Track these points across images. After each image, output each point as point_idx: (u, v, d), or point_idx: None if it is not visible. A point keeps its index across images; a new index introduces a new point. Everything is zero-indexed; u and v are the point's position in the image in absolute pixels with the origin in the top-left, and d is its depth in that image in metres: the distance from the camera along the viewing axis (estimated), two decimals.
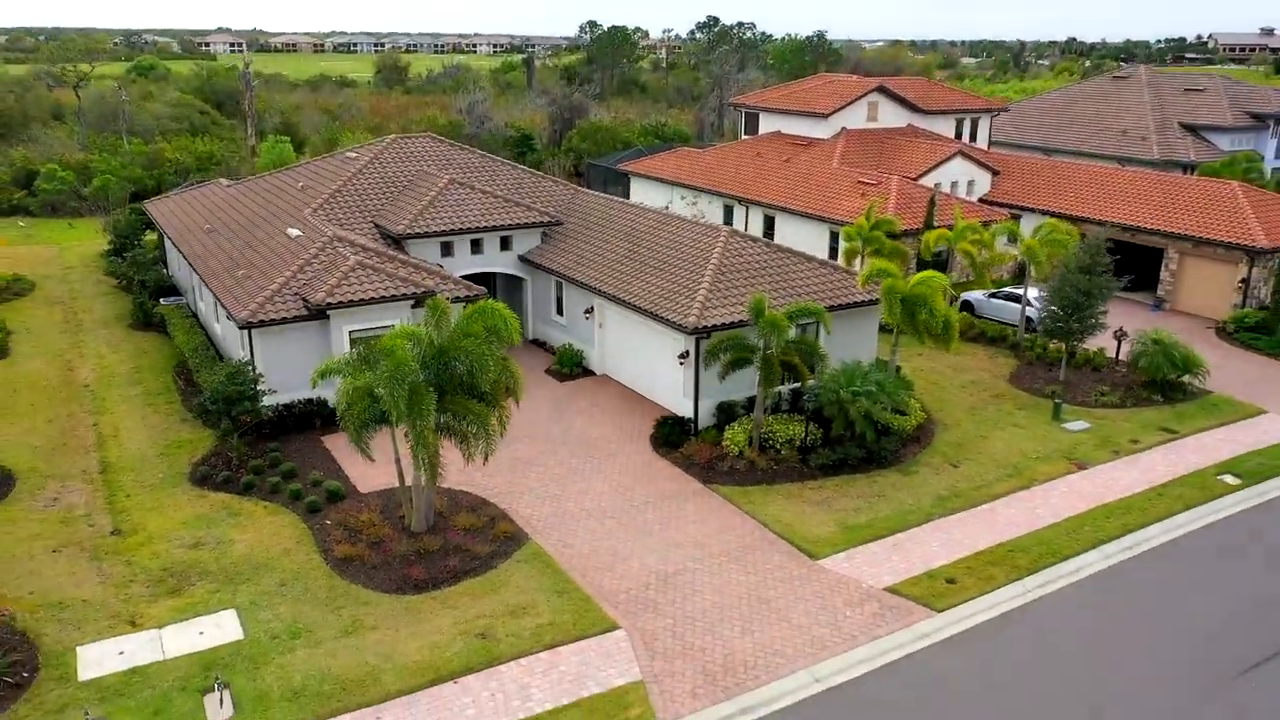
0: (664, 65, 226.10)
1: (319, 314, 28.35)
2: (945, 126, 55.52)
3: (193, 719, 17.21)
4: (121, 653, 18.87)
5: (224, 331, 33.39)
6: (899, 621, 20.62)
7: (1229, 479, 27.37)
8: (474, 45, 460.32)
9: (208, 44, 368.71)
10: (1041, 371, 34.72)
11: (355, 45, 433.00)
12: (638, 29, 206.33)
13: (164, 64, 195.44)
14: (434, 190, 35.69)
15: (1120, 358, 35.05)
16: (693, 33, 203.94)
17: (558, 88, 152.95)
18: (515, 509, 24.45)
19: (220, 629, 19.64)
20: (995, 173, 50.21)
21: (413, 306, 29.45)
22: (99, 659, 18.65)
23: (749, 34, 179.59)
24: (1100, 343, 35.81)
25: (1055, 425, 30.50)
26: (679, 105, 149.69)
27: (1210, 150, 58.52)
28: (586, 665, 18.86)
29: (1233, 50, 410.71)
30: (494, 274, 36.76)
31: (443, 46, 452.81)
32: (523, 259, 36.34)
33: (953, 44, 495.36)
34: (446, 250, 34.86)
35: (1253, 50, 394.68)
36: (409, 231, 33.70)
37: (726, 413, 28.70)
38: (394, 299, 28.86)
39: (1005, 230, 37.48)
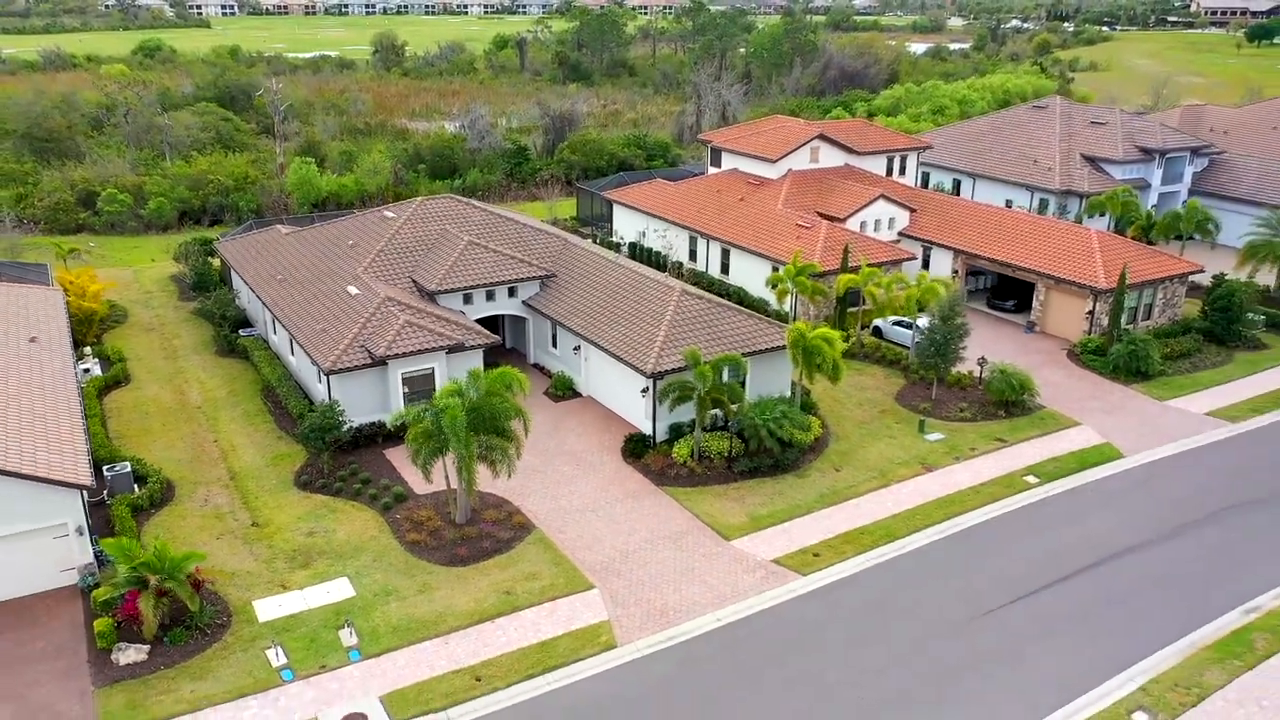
0: (653, 33, 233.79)
1: (380, 361, 39.10)
2: (877, 164, 65.85)
3: (333, 645, 28.28)
4: (280, 605, 29.90)
5: (299, 365, 44.14)
6: (777, 582, 31.77)
7: (1031, 479, 38.49)
8: (465, 6, 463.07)
9: (200, 8, 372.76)
10: (922, 390, 45.62)
11: (347, 7, 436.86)
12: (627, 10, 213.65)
13: (168, 43, 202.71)
14: (456, 250, 46.22)
15: (982, 379, 45.92)
16: (679, 16, 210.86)
17: (550, 87, 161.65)
18: (525, 506, 35.47)
19: (340, 590, 30.69)
20: (913, 210, 60.70)
21: (447, 353, 40.18)
22: (267, 610, 29.69)
23: (731, 23, 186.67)
24: (970, 366, 46.67)
25: (919, 436, 41.53)
26: (664, 92, 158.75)
27: (1106, 180, 68.84)
28: (574, 611, 30.00)
29: (1214, 14, 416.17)
30: (503, 315, 47.45)
31: (434, 7, 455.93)
32: (525, 304, 47.03)
33: (940, 6, 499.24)
34: (468, 299, 45.51)
35: (1233, 14, 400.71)
36: (439, 289, 44.31)
37: (676, 431, 39.66)
38: (434, 350, 39.61)
39: (897, 280, 48.10)
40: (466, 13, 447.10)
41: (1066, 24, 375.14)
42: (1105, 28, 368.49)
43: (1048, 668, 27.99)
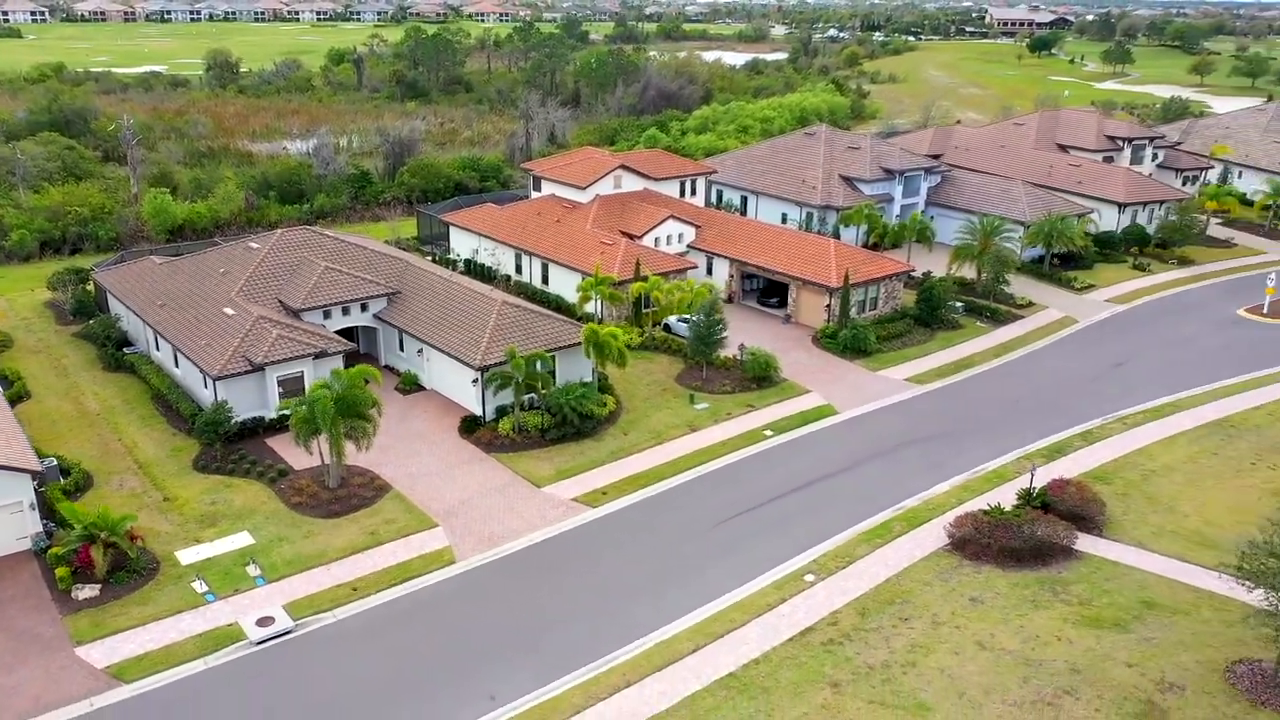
0: (489, 46, 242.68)
1: (258, 368, 48.68)
2: (671, 188, 78.93)
3: (243, 577, 38.20)
4: (197, 553, 39.53)
5: (184, 374, 52.98)
6: (575, 513, 43.57)
7: (768, 432, 51.76)
8: (296, 13, 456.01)
9: (6, 15, 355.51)
10: (696, 372, 58.41)
11: (169, 14, 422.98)
12: (461, 24, 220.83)
13: None
14: (315, 274, 55.95)
15: (741, 360, 59.11)
16: (511, 36, 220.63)
17: (388, 105, 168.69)
18: (383, 473, 45.98)
19: (242, 540, 40.50)
20: (698, 226, 73.92)
21: (313, 359, 50.08)
22: (187, 556, 39.26)
23: (560, 43, 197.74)
24: (735, 351, 59.79)
25: (689, 407, 54.25)
26: (499, 110, 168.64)
27: (859, 196, 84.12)
28: (423, 542, 40.89)
29: (1005, 24, 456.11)
30: (358, 326, 57.44)
31: (264, 14, 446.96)
32: (376, 316, 57.22)
33: (765, 15, 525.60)
34: (327, 314, 55.34)
35: (1021, 25, 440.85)
36: (303, 306, 54.02)
37: (500, 411, 50.94)
38: (303, 356, 49.48)
39: (678, 286, 60.86)
40: (298, 20, 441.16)
41: (877, 33, 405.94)
42: (911, 37, 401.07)
43: (756, 553, 40.81)
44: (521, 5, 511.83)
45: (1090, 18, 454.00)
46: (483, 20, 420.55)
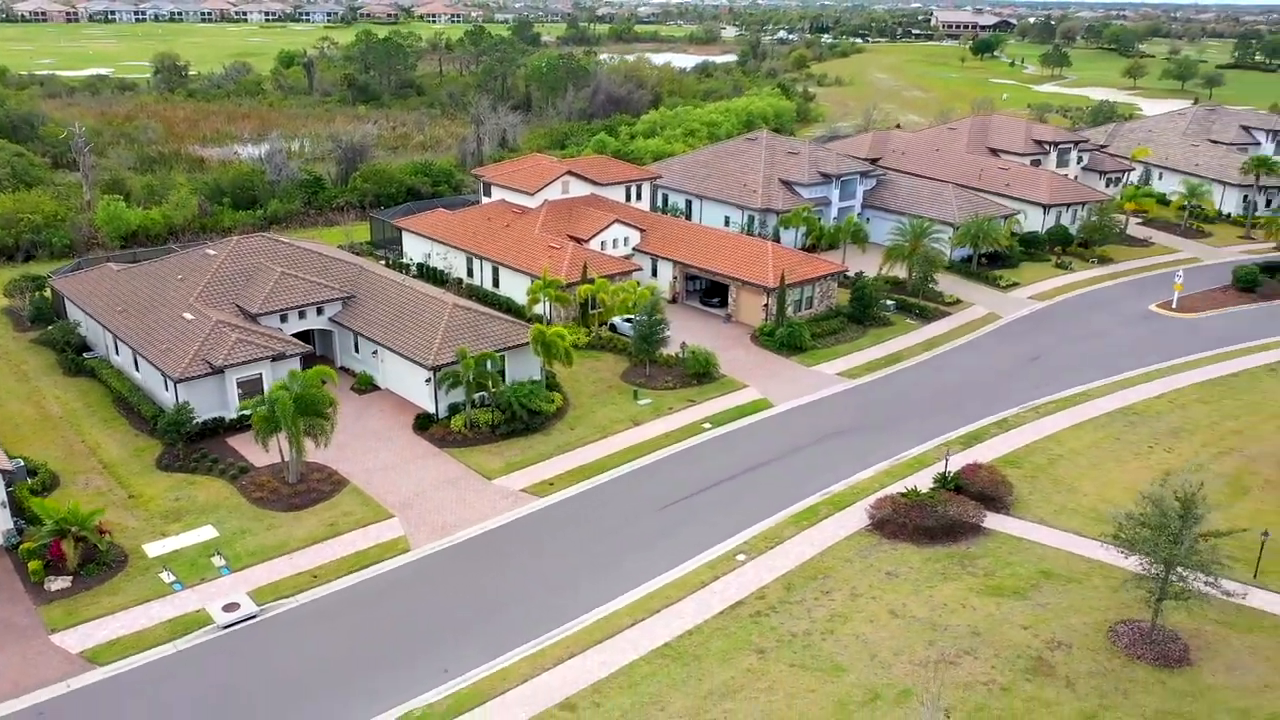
0: (441, 49, 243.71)
1: (218, 370, 50.80)
2: (618, 193, 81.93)
3: (208, 567, 40.49)
4: (164, 546, 41.70)
5: (145, 378, 54.86)
6: (523, 503, 46.38)
7: (707, 426, 54.95)
8: (244, 14, 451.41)
9: None
10: (640, 370, 61.46)
11: (113, 14, 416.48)
12: (412, 26, 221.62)
13: None
14: (272, 280, 58.09)
15: (682, 358, 62.25)
16: (462, 40, 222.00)
17: (340, 108, 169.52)
18: (341, 468, 48.39)
19: (207, 533, 42.74)
20: (643, 230, 77.00)
21: (271, 361, 52.29)
22: (154, 549, 41.44)
23: (511, 46, 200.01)
24: (677, 349, 62.91)
25: (633, 402, 57.28)
26: (451, 114, 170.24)
27: (798, 200, 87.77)
28: (379, 532, 43.45)
29: (950, 27, 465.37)
30: (314, 329, 59.65)
31: (211, 15, 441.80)
32: (331, 320, 59.49)
33: (716, 16, 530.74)
34: (284, 318, 57.51)
35: (965, 28, 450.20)
36: (260, 311, 56.16)
37: (453, 409, 53.55)
38: (261, 359, 51.69)
39: (623, 288, 63.85)
40: (246, 20, 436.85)
41: (826, 35, 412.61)
42: (859, 40, 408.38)
43: (692, 536, 43.93)
44: (473, 6, 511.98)
45: (1032, 20, 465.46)
46: (434, 21, 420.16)
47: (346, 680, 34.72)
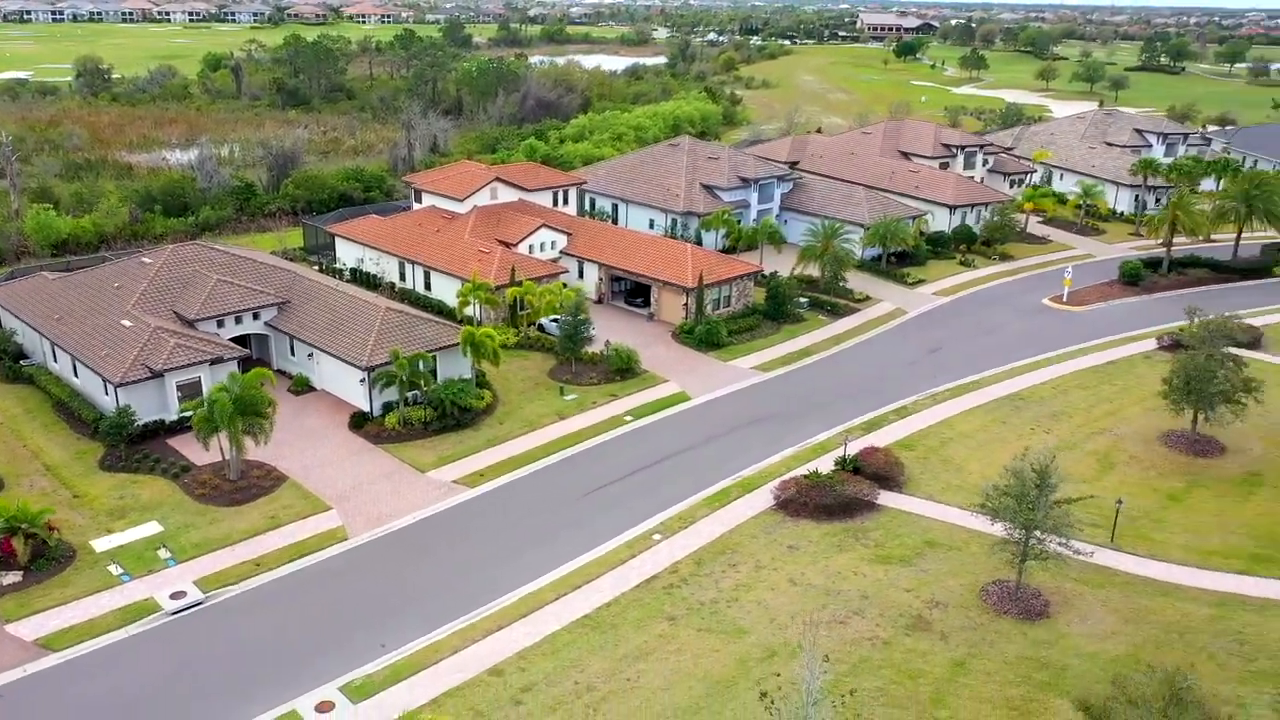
0: (371, 51, 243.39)
1: (158, 374, 52.95)
2: (545, 198, 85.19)
3: (155, 559, 42.92)
4: (110, 541, 43.96)
5: (84, 383, 56.66)
6: (455, 494, 49.52)
7: (629, 418, 58.63)
8: (167, 14, 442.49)
9: None
10: (566, 367, 64.88)
11: (29, 14, 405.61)
12: (341, 27, 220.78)
13: None
14: (208, 287, 60.23)
15: (605, 355, 65.82)
16: (393, 43, 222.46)
17: (269, 113, 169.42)
18: (280, 465, 50.98)
19: (152, 528, 45.09)
20: (570, 234, 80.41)
21: (209, 364, 54.57)
22: (102, 545, 43.68)
23: (441, 50, 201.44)
24: (601, 347, 66.44)
25: (559, 398, 60.71)
26: (382, 118, 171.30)
27: (718, 203, 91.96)
28: (319, 523, 46.25)
29: (875, 29, 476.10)
30: (250, 334, 61.89)
31: (132, 15, 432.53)
32: (267, 324, 61.80)
33: (648, 18, 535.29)
34: (220, 324, 59.71)
35: (889, 30, 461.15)
36: (197, 317, 58.32)
37: (387, 407, 56.39)
38: (200, 363, 53.96)
39: (549, 290, 67.22)
40: (169, 20, 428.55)
41: (755, 37, 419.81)
42: (787, 41, 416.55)
43: (613, 519, 47.53)
44: (403, 6, 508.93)
45: (954, 23, 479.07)
46: (364, 22, 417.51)
47: (290, 658, 37.60)
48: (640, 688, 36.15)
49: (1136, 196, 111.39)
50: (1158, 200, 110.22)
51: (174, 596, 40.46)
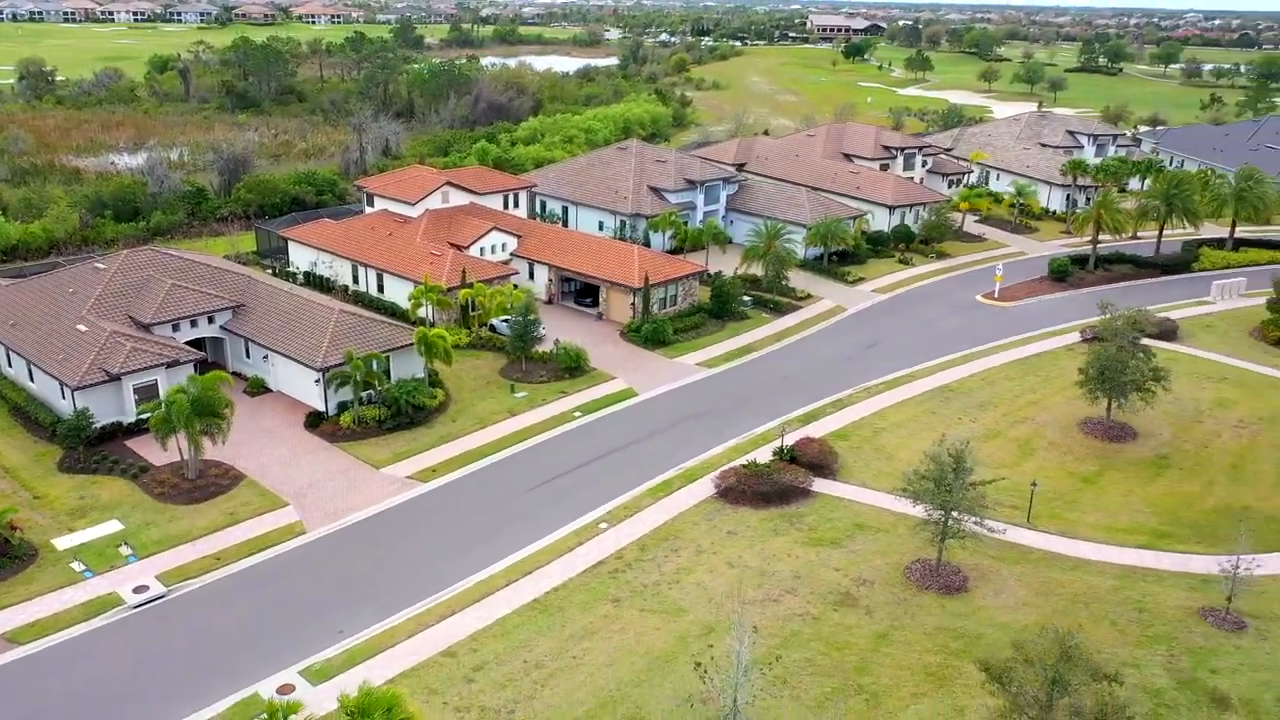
0: (321, 53, 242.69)
1: (115, 378, 54.21)
2: (496, 201, 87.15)
3: (117, 556, 44.38)
4: (72, 540, 45.33)
5: (40, 387, 57.67)
6: (409, 489, 51.48)
7: (577, 414, 60.94)
8: (111, 14, 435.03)
9: None
10: (517, 366, 67.01)
11: None
12: (290, 28, 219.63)
13: None
14: (163, 291, 61.45)
15: (554, 354, 68.05)
16: (344, 46, 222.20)
17: (218, 115, 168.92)
18: (238, 464, 52.55)
19: (112, 526, 46.50)
20: (520, 236, 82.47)
21: (166, 368, 55.90)
22: (64, 543, 45.04)
23: (392, 53, 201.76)
24: (550, 347, 68.63)
25: (510, 395, 62.85)
26: (334, 121, 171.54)
27: (666, 205, 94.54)
28: (277, 519, 47.98)
29: (824, 30, 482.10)
30: (206, 337, 63.19)
31: (74, 15, 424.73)
32: (222, 327, 63.17)
33: (600, 19, 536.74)
34: (176, 328, 60.97)
35: (838, 31, 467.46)
36: (153, 321, 59.56)
37: (342, 406, 58.12)
38: (156, 366, 55.29)
39: (499, 291, 69.29)
40: (113, 20, 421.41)
41: (706, 38, 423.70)
42: (738, 43, 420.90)
43: (561, 510, 49.82)
44: (354, 6, 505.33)
45: (901, 24, 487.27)
46: (313, 23, 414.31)
47: (251, 646, 39.39)
48: (585, 664, 38.52)
49: (1068, 196, 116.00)
50: (1087, 199, 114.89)
51: (137, 590, 42.02)
